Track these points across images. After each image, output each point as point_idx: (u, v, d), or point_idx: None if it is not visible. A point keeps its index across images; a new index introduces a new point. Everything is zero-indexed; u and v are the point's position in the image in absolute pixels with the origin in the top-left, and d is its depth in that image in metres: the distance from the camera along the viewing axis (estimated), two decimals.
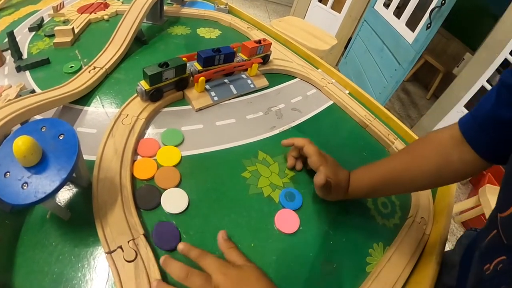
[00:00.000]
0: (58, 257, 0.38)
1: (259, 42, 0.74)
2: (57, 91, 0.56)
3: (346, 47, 2.56)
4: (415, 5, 1.81)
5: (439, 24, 1.56)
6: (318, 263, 0.45)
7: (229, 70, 0.69)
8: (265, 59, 0.79)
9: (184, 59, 0.61)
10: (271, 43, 0.77)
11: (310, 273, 0.44)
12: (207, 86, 0.66)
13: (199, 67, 0.65)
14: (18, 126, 0.48)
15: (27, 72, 0.66)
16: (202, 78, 0.62)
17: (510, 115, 0.37)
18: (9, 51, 0.69)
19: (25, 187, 0.34)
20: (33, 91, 0.60)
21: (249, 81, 0.72)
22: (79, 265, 0.38)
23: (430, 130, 2.06)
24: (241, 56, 0.74)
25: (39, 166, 0.36)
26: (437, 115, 2.08)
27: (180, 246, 0.39)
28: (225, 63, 0.69)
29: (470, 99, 1.92)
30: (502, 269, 0.31)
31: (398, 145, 0.71)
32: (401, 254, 0.50)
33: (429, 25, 1.58)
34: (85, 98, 0.60)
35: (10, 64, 0.68)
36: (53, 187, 0.34)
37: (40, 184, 0.34)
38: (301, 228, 0.48)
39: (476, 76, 1.85)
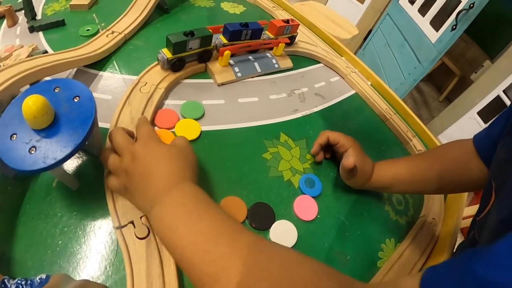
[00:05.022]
0: (63, 229, 0.36)
1: (287, 21, 0.71)
2: (72, 53, 0.53)
3: (365, 39, 2.50)
4: (441, 4, 1.75)
5: (465, 27, 1.54)
6: (333, 253, 0.45)
7: (256, 47, 0.67)
8: (291, 40, 0.76)
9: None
10: (299, 24, 0.74)
11: (325, 263, 0.43)
12: (231, 61, 0.63)
13: (224, 41, 0.62)
14: (28, 87, 0.44)
15: (40, 33, 0.63)
16: (227, 51, 0.60)
17: None
18: (23, 12, 0.65)
19: (32, 152, 0.31)
20: (45, 52, 0.57)
21: (273, 61, 0.69)
22: (85, 239, 0.36)
23: (441, 132, 2.07)
24: (267, 34, 0.71)
25: (50, 129, 0.32)
26: (450, 118, 2.06)
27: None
28: (252, 40, 0.66)
29: (484, 107, 1.89)
30: None
31: (416, 143, 0.69)
32: (411, 253, 0.50)
33: (454, 26, 1.54)
34: (101, 63, 0.57)
35: (23, 24, 0.65)
36: (65, 153, 0.31)
37: (50, 149, 0.31)
38: (318, 216, 0.47)
39: (494, 84, 1.83)
